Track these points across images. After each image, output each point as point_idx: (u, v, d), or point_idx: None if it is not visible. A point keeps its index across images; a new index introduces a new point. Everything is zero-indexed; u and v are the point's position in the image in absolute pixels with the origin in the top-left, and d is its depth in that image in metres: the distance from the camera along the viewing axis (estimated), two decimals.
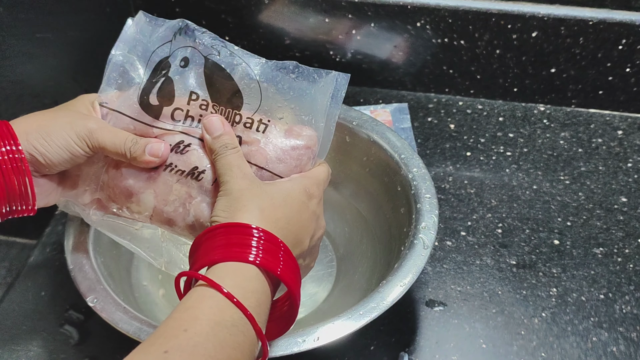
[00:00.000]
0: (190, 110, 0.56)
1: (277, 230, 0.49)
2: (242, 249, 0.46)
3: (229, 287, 0.44)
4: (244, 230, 0.47)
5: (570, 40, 0.84)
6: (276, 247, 0.48)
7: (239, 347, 0.43)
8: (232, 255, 0.46)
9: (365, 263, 0.71)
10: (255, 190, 0.50)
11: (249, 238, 0.47)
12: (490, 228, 0.76)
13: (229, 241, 0.47)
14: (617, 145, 0.86)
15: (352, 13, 0.89)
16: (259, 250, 0.46)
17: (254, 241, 0.47)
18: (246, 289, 0.45)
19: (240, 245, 0.46)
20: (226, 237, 0.47)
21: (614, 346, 0.64)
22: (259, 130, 0.55)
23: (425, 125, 0.90)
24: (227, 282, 0.44)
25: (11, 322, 0.69)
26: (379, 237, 0.71)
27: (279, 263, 0.47)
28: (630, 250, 0.73)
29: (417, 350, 0.65)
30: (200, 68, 0.56)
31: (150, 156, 0.54)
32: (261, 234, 0.47)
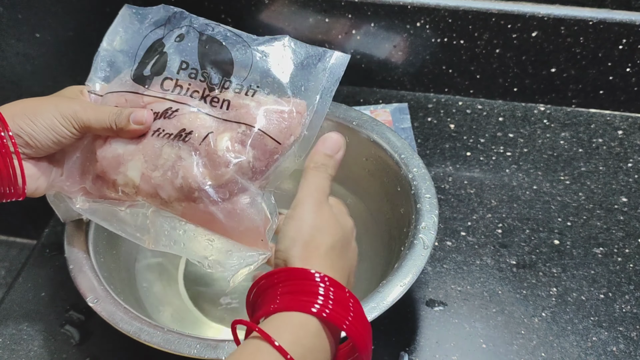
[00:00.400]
0: (180, 79, 0.57)
1: (341, 276, 0.46)
2: (309, 297, 0.42)
3: (286, 342, 0.40)
4: (311, 278, 0.43)
5: (570, 40, 0.84)
6: (345, 297, 0.43)
7: None
8: (297, 305, 0.42)
9: (365, 263, 0.71)
10: (328, 232, 0.47)
11: (317, 287, 0.43)
12: (490, 228, 0.76)
13: (296, 288, 0.43)
14: (618, 145, 0.86)
15: (351, 13, 0.89)
16: (327, 300, 0.42)
17: (322, 289, 0.43)
18: (305, 346, 0.41)
19: (308, 294, 0.42)
20: (294, 282, 0.43)
21: (614, 345, 0.64)
22: (248, 94, 0.55)
23: (425, 125, 0.90)
24: (285, 336, 0.40)
25: (12, 322, 0.69)
26: (379, 237, 0.71)
27: (348, 316, 0.42)
28: (630, 250, 0.73)
29: (417, 349, 0.65)
30: (195, 41, 0.57)
31: (135, 124, 0.54)
32: (326, 281, 0.43)
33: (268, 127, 0.53)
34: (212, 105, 0.55)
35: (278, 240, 0.47)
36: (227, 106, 0.55)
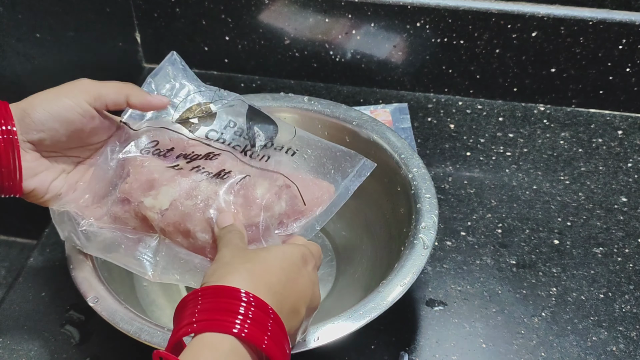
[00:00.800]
0: (225, 133, 0.60)
1: (271, 295, 0.44)
2: (227, 316, 0.42)
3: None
4: (231, 294, 0.43)
5: (570, 40, 0.84)
6: (265, 315, 0.43)
7: None
8: (213, 326, 0.42)
9: (365, 263, 0.71)
10: (248, 255, 0.48)
11: (237, 304, 0.43)
12: (490, 228, 0.76)
13: (214, 306, 0.43)
14: (618, 145, 0.86)
15: (351, 13, 0.89)
16: (246, 319, 0.42)
17: (242, 308, 0.42)
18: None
19: (226, 312, 0.42)
20: (213, 300, 0.43)
21: (614, 345, 0.65)
22: (288, 153, 0.59)
23: (425, 125, 0.90)
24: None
25: (12, 322, 0.69)
26: (379, 237, 0.71)
27: (265, 334, 0.42)
28: (630, 250, 0.73)
29: (418, 349, 0.65)
30: (244, 108, 0.61)
31: (157, 99, 0.58)
32: (251, 299, 0.43)
33: (304, 190, 0.57)
34: (252, 157, 0.59)
35: (201, 284, 0.46)
36: (266, 159, 0.58)
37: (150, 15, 0.95)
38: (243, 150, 0.59)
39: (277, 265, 0.47)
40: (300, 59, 0.95)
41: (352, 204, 0.75)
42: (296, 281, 0.47)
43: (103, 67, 0.91)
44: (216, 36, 0.95)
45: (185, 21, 0.94)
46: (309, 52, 0.94)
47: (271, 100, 0.77)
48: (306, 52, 0.94)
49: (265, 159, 0.58)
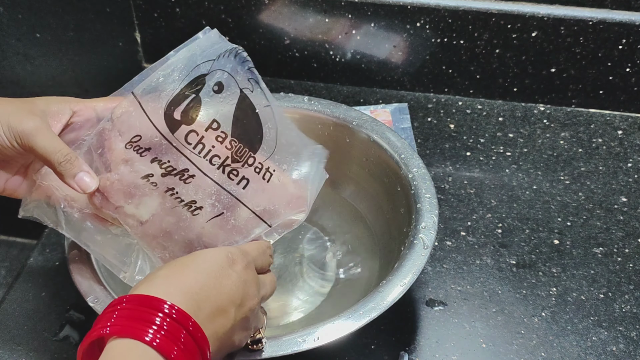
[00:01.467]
0: (205, 137, 0.54)
1: (189, 297, 0.45)
2: (141, 324, 0.42)
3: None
4: (150, 303, 0.43)
5: (570, 40, 0.84)
6: (182, 325, 0.43)
7: None
8: (127, 331, 0.42)
9: (365, 263, 0.71)
10: (172, 262, 0.48)
11: (154, 313, 0.43)
12: (490, 228, 0.76)
13: (132, 314, 0.43)
14: (618, 145, 0.86)
15: (351, 13, 0.89)
16: (160, 329, 0.42)
17: (158, 318, 0.43)
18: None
19: (141, 321, 0.42)
20: (133, 307, 0.43)
21: (614, 345, 0.65)
22: (265, 179, 0.56)
23: (425, 125, 0.90)
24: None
25: (12, 322, 0.69)
26: (379, 237, 0.71)
27: (175, 346, 0.42)
28: (630, 249, 0.73)
29: (417, 349, 0.65)
30: (234, 100, 0.55)
31: (77, 185, 0.52)
32: (166, 309, 0.43)
33: (279, 221, 0.56)
34: (230, 178, 0.55)
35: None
36: (244, 185, 0.55)
37: (150, 15, 0.95)
38: (222, 164, 0.54)
39: (196, 268, 0.47)
40: (300, 59, 0.95)
41: (352, 204, 0.75)
42: (219, 281, 0.47)
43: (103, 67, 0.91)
44: None
45: (185, 21, 0.94)
46: (309, 52, 0.94)
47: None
48: (306, 52, 0.94)
49: (243, 184, 0.55)
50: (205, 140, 0.54)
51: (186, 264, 0.48)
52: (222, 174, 0.54)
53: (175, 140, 0.54)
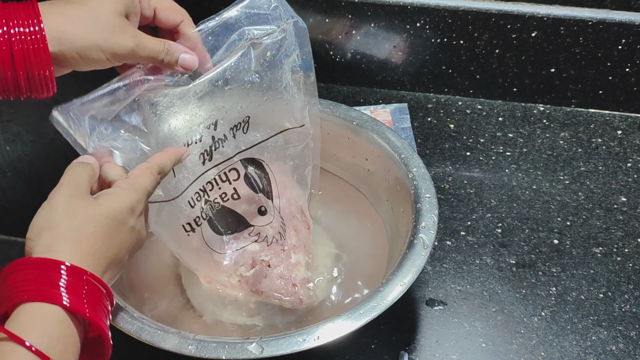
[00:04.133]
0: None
1: (95, 259, 0.47)
2: (50, 288, 0.44)
3: (34, 337, 0.42)
4: (54, 267, 0.45)
5: (569, 40, 0.85)
6: (81, 282, 0.45)
7: None
8: (40, 295, 0.44)
9: (365, 262, 0.71)
10: (79, 213, 0.48)
11: (55, 276, 0.45)
12: (490, 228, 0.76)
13: (38, 277, 0.45)
14: (617, 145, 0.86)
15: (351, 13, 0.89)
16: (64, 289, 0.44)
17: (62, 280, 0.45)
18: (52, 336, 0.43)
19: (49, 285, 0.44)
20: (36, 272, 0.45)
21: (614, 345, 0.65)
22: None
23: (425, 125, 0.90)
24: (33, 332, 0.42)
25: None
26: (379, 237, 0.71)
27: (84, 303, 0.45)
28: (630, 249, 0.73)
29: (417, 349, 0.65)
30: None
31: (182, 68, 0.57)
32: (71, 270, 0.45)
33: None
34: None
35: (29, 229, 0.48)
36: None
37: None
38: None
39: (105, 224, 0.49)
40: None
41: (352, 204, 0.75)
42: (119, 236, 0.50)
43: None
44: None
45: None
46: None
47: None
48: None
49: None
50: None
51: (98, 223, 0.48)
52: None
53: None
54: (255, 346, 0.53)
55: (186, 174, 0.59)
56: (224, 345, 0.53)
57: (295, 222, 0.68)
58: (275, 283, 0.63)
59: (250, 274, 0.64)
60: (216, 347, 0.53)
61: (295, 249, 0.65)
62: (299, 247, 0.66)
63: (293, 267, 0.64)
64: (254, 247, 0.65)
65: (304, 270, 0.65)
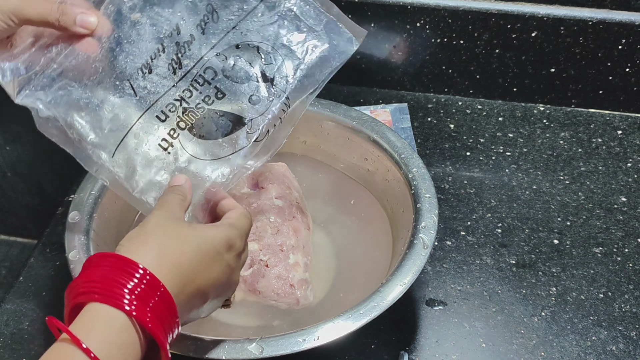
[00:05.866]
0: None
1: (175, 275, 0.45)
2: (119, 290, 0.42)
3: (95, 342, 0.41)
4: (129, 267, 0.43)
5: (570, 40, 0.84)
6: (153, 292, 0.43)
7: None
8: (107, 298, 0.42)
9: (365, 262, 0.71)
10: (170, 231, 0.47)
11: (129, 279, 0.43)
12: (490, 228, 0.76)
13: (109, 276, 0.43)
14: (617, 145, 0.86)
15: (351, 13, 0.89)
16: (132, 295, 0.42)
17: (132, 284, 0.43)
18: (113, 344, 0.41)
19: (119, 286, 0.43)
20: (110, 270, 0.43)
21: (614, 345, 0.65)
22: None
23: (425, 125, 0.90)
24: (94, 336, 0.41)
25: (12, 322, 0.69)
26: (379, 236, 0.71)
27: (147, 313, 0.43)
28: (630, 249, 0.73)
29: (417, 349, 0.65)
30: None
31: (81, 29, 0.52)
32: (146, 277, 0.43)
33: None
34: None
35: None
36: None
37: None
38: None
39: (195, 245, 0.47)
40: None
41: (352, 204, 0.75)
42: (210, 266, 0.48)
43: None
44: None
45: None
46: None
47: None
48: None
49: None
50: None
51: (187, 238, 0.47)
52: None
53: None
54: (255, 346, 0.53)
55: (154, 88, 0.56)
56: (224, 345, 0.53)
57: (295, 223, 0.68)
58: (272, 283, 0.63)
59: (248, 273, 0.64)
60: (216, 347, 0.53)
61: (294, 250, 0.65)
62: (298, 247, 0.66)
63: (291, 267, 0.64)
64: (252, 246, 0.65)
65: (302, 271, 0.65)
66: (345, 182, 0.77)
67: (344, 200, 0.76)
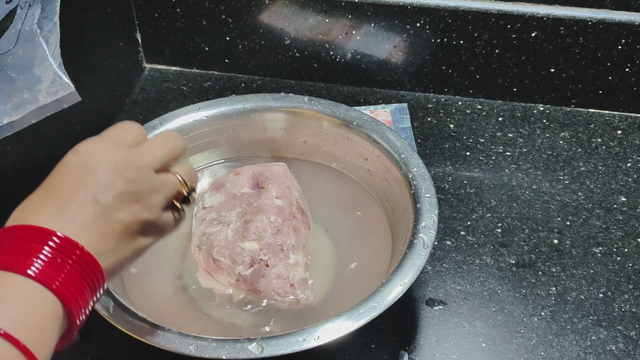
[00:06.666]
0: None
1: (82, 228, 0.42)
2: (25, 257, 0.39)
3: (12, 319, 0.37)
4: (42, 236, 0.41)
5: (569, 40, 0.85)
6: (67, 257, 0.41)
7: None
8: (7, 265, 0.39)
9: (365, 262, 0.71)
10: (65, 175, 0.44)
11: (40, 246, 0.40)
12: (490, 227, 0.76)
13: (14, 247, 0.40)
14: (617, 145, 0.86)
15: (351, 13, 0.89)
16: (46, 260, 0.40)
17: (45, 250, 0.40)
18: (32, 320, 0.38)
19: (25, 254, 0.40)
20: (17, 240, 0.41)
21: (613, 344, 0.65)
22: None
23: (425, 125, 0.90)
24: (9, 309, 0.38)
25: None
26: (379, 236, 0.71)
27: (59, 276, 0.40)
28: (630, 249, 0.73)
29: (417, 349, 0.65)
30: None
31: None
32: (58, 242, 0.41)
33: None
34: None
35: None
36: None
37: (151, 15, 0.95)
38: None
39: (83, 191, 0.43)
40: (300, 59, 0.96)
41: (352, 204, 0.76)
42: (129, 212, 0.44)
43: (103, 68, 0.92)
44: (216, 36, 0.95)
45: (185, 21, 0.94)
46: (309, 52, 0.94)
47: (271, 100, 0.77)
48: (306, 52, 0.95)
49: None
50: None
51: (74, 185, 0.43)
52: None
53: None
54: (255, 346, 0.53)
55: None
56: (224, 345, 0.53)
57: (295, 223, 0.68)
58: (272, 283, 0.63)
59: (248, 273, 0.64)
60: (216, 347, 0.53)
61: (294, 249, 0.65)
62: (298, 247, 0.66)
63: (291, 267, 0.64)
64: (252, 245, 0.65)
65: (303, 270, 0.65)
66: (345, 182, 0.77)
67: (344, 200, 0.76)
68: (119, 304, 0.58)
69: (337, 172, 0.78)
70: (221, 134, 0.78)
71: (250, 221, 0.66)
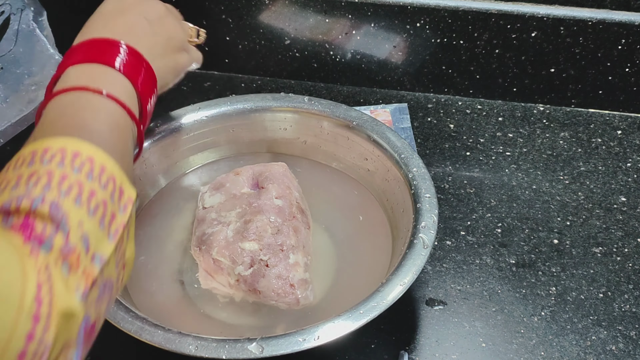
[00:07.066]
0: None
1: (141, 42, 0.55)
2: (107, 56, 0.51)
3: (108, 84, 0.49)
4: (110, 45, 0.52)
5: (569, 40, 0.85)
6: (139, 62, 0.53)
7: (128, 141, 0.49)
8: (95, 57, 0.50)
9: (365, 262, 0.71)
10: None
11: (116, 51, 0.52)
12: (490, 227, 0.76)
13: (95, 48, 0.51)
14: (617, 145, 0.86)
15: (351, 13, 0.89)
16: (123, 61, 0.51)
17: (120, 54, 0.51)
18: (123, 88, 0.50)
19: (107, 54, 0.51)
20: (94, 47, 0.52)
21: (613, 344, 0.65)
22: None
23: (425, 125, 0.90)
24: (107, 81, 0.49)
25: None
26: (379, 236, 0.71)
27: (139, 75, 0.51)
28: (630, 249, 0.73)
29: (417, 348, 0.65)
30: None
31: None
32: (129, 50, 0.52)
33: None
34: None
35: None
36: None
37: None
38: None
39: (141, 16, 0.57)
40: (300, 59, 0.96)
41: (352, 204, 0.76)
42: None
43: None
44: (216, 36, 0.95)
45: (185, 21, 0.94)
46: (309, 52, 0.94)
47: (271, 100, 0.77)
48: (306, 53, 0.95)
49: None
50: None
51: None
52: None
53: None
54: (255, 346, 0.53)
55: None
56: (224, 345, 0.53)
57: (295, 223, 0.68)
58: (272, 283, 0.63)
59: (248, 273, 0.64)
60: (216, 347, 0.53)
61: (294, 249, 0.65)
62: (298, 247, 0.66)
63: (291, 267, 0.64)
64: (252, 246, 0.65)
65: (303, 271, 0.65)
66: (345, 182, 0.77)
67: (344, 200, 0.76)
68: (119, 304, 0.58)
69: (337, 172, 0.78)
70: (221, 134, 0.78)
71: (250, 221, 0.66)
